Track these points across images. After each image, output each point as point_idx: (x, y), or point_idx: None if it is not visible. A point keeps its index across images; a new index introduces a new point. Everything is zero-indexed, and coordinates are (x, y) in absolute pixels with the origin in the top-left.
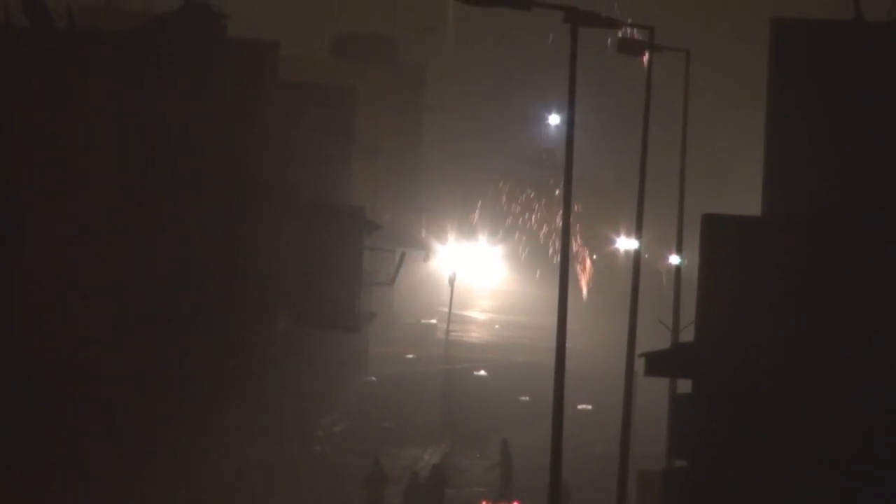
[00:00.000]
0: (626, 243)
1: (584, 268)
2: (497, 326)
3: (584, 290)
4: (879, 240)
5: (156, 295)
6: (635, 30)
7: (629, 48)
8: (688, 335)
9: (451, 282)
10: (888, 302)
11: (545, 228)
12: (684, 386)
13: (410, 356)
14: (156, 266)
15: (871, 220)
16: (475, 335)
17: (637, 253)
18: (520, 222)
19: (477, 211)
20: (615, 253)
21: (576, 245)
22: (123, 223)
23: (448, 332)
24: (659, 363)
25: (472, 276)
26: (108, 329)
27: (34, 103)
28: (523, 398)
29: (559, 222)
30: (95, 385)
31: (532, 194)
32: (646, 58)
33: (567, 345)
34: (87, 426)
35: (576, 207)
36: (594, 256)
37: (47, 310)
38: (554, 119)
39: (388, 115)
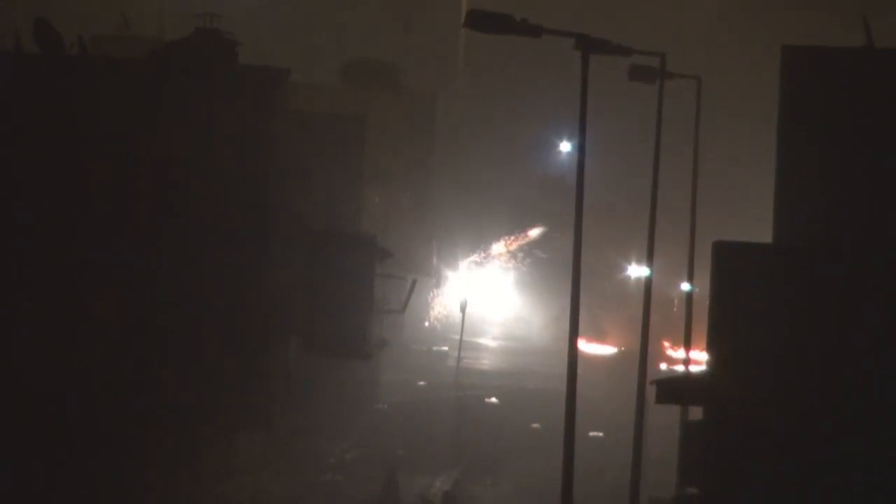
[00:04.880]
0: (637, 271)
1: None
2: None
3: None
4: (892, 266)
5: (166, 323)
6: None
7: (641, 75)
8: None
9: (463, 309)
10: None
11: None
12: (696, 413)
13: (422, 383)
14: (165, 293)
15: (883, 246)
16: (486, 362)
17: (648, 281)
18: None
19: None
20: (626, 279)
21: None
22: (132, 250)
23: (459, 359)
24: (670, 391)
25: (484, 303)
26: (119, 355)
27: (45, 130)
28: (535, 425)
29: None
30: (105, 412)
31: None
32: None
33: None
34: (97, 453)
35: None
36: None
37: (56, 335)
38: (565, 146)
39: (398, 141)
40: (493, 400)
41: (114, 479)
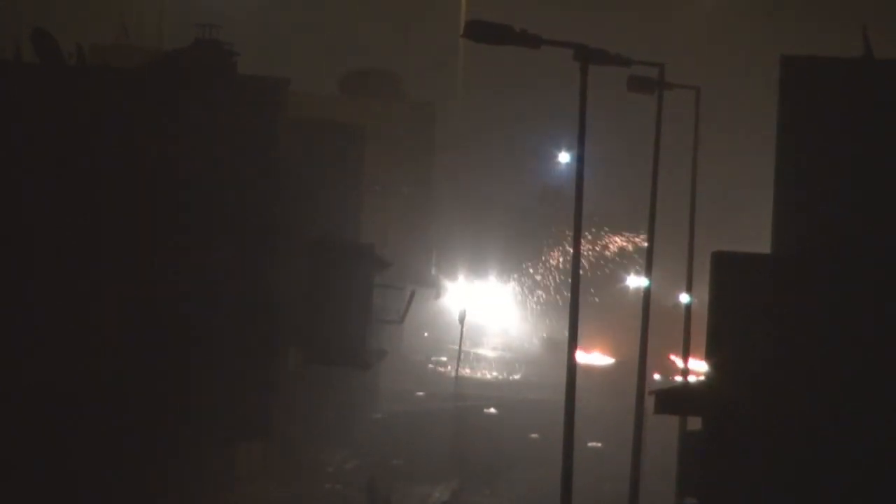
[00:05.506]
0: (636, 281)
1: None
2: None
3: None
4: (889, 275)
5: (166, 331)
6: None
7: (640, 86)
8: None
9: (462, 319)
10: None
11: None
12: (694, 423)
13: (420, 393)
14: (164, 303)
15: (881, 255)
16: (485, 372)
17: (647, 291)
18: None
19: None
20: (624, 291)
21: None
22: (132, 257)
23: (458, 369)
24: (669, 401)
25: (483, 314)
26: (119, 363)
27: (45, 140)
28: (533, 435)
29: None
30: (105, 420)
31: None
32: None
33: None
34: (97, 461)
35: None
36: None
37: (58, 340)
38: (564, 157)
39: (397, 152)
40: (492, 410)
41: (114, 487)
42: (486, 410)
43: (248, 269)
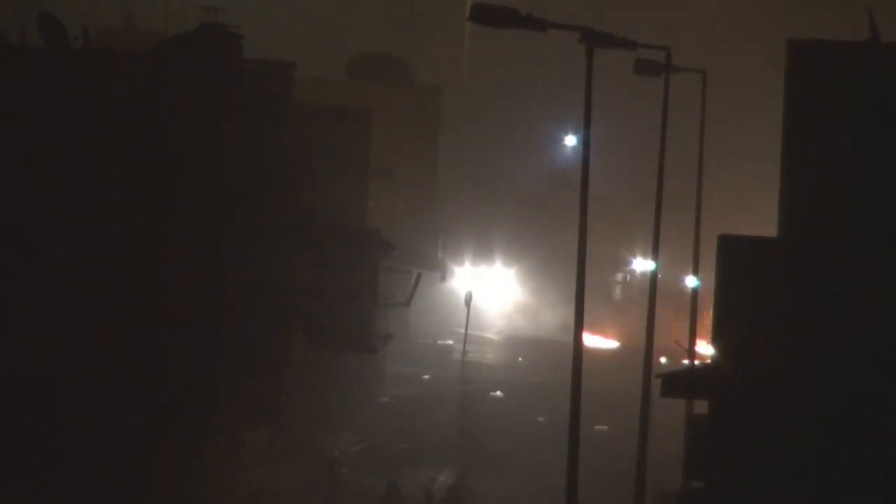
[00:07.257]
0: (642, 264)
1: None
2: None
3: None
4: (894, 259)
5: (173, 316)
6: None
7: (646, 69)
8: None
9: (468, 302)
10: None
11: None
12: (701, 407)
13: (427, 377)
14: (171, 287)
15: (887, 239)
16: (491, 356)
17: (654, 274)
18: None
19: None
20: (632, 273)
21: None
22: (139, 242)
23: (464, 352)
24: (675, 384)
25: (489, 297)
26: (125, 349)
27: (51, 124)
28: (540, 419)
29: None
30: (112, 407)
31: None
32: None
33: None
34: (101, 446)
35: None
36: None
37: (68, 326)
38: (570, 140)
39: (403, 135)
40: (498, 394)
41: (121, 471)
42: (492, 394)
43: (254, 253)
